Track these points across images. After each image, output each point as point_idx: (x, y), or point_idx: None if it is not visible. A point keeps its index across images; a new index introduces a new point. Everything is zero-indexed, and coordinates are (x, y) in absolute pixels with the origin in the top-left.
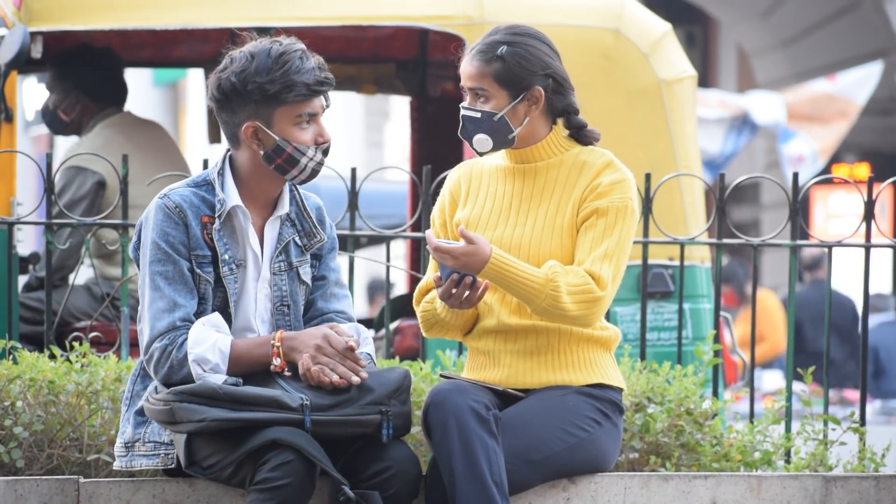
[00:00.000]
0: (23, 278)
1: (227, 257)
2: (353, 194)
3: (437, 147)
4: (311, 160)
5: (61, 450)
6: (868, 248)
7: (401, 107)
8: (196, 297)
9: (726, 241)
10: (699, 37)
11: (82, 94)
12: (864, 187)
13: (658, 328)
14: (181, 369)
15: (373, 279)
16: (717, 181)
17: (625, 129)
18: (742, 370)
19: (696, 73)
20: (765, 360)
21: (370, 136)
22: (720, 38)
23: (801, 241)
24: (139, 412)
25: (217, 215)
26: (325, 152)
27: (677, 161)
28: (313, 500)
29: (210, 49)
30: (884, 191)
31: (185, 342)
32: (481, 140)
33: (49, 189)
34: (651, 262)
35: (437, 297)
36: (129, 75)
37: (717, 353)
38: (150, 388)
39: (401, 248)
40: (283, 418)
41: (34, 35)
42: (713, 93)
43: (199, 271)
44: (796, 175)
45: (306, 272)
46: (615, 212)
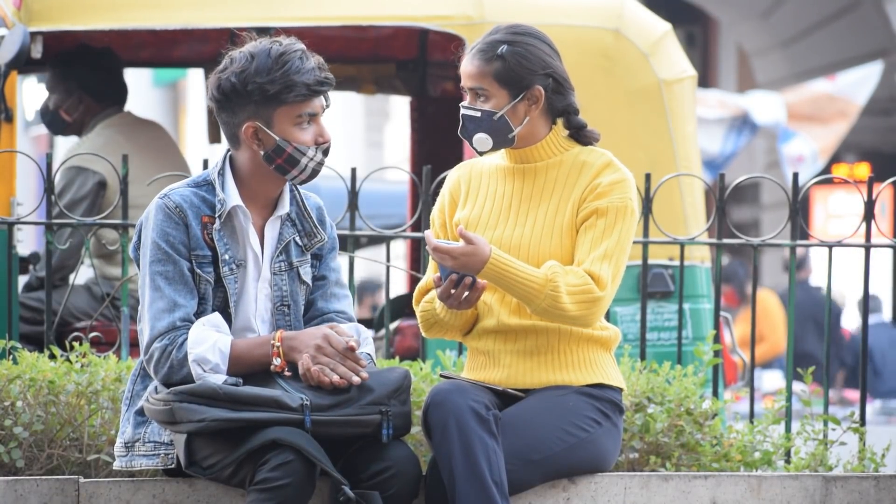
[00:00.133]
0: (23, 278)
1: (227, 257)
2: (353, 194)
3: (437, 147)
4: (312, 160)
5: (61, 450)
6: (868, 248)
7: (401, 107)
8: (196, 297)
9: (726, 241)
10: (699, 37)
11: (85, 94)
12: (864, 187)
13: (658, 328)
14: (181, 369)
15: (361, 281)
16: (717, 181)
17: (625, 129)
18: (742, 370)
19: (696, 73)
20: (765, 360)
21: (370, 136)
22: (720, 38)
23: (801, 241)
24: (139, 412)
25: (217, 215)
26: (326, 152)
27: (677, 161)
28: (313, 500)
29: (210, 49)
30: (884, 191)
31: (185, 342)
32: (481, 139)
33: (49, 189)
34: (651, 262)
35: (436, 298)
36: (129, 75)
37: (717, 353)
38: (150, 388)
39: (401, 248)
40: (283, 418)
41: (34, 35)
42: (713, 93)
43: (199, 271)
44: (796, 175)
45: (307, 272)
46: (615, 212)
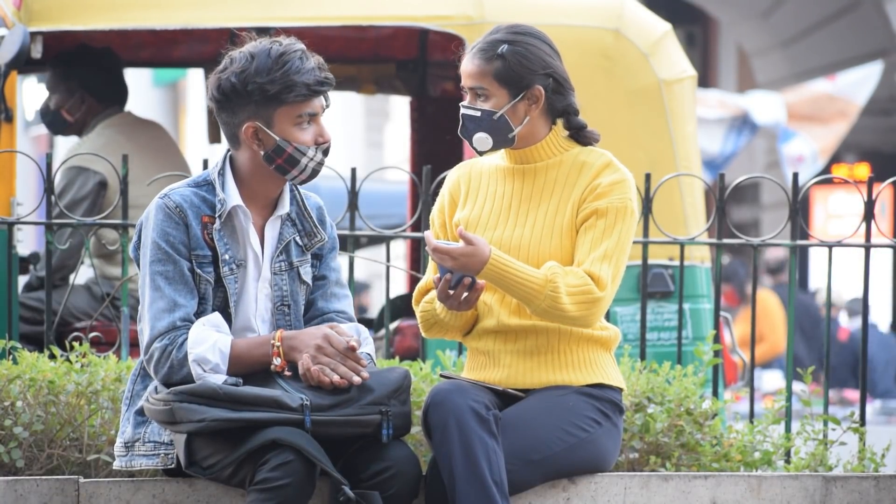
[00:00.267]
0: (23, 278)
1: (227, 257)
2: (353, 194)
3: (437, 147)
4: (312, 160)
5: (61, 450)
6: (868, 248)
7: (401, 107)
8: (196, 297)
9: (726, 241)
10: (699, 37)
11: (87, 94)
12: (864, 187)
13: (658, 328)
14: (181, 369)
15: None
16: (717, 181)
17: (625, 129)
18: (742, 370)
19: (696, 73)
20: (765, 360)
21: (370, 136)
22: (720, 38)
23: (801, 241)
24: (139, 412)
25: (217, 215)
26: (326, 152)
27: (677, 161)
28: (313, 500)
29: (210, 49)
30: (884, 191)
31: (185, 342)
32: (481, 139)
33: (49, 189)
34: (651, 262)
35: (436, 298)
36: (129, 75)
37: (717, 353)
38: (150, 388)
39: (401, 248)
40: (283, 418)
41: (34, 35)
42: (713, 93)
43: (199, 271)
44: (796, 175)
45: (307, 272)
46: (615, 212)
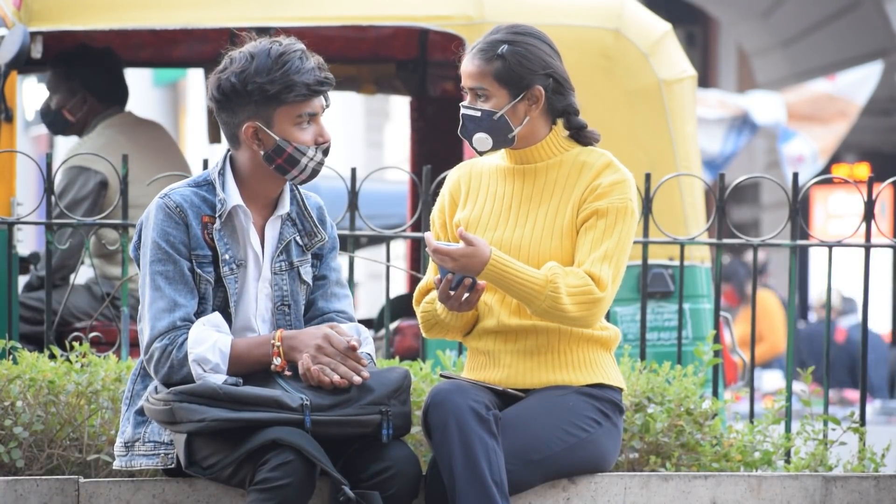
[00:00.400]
0: (23, 278)
1: (227, 257)
2: (353, 194)
3: (437, 147)
4: (312, 160)
5: (61, 450)
6: (868, 248)
7: (401, 107)
8: (196, 296)
9: (726, 241)
10: (699, 37)
11: (88, 93)
12: (864, 187)
13: (658, 328)
14: (181, 369)
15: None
16: (717, 181)
17: (625, 129)
18: (742, 370)
19: (696, 73)
20: (765, 360)
21: (370, 136)
22: (720, 38)
23: (801, 241)
24: (139, 412)
25: (218, 215)
26: (326, 152)
27: (677, 161)
28: (313, 500)
29: (210, 49)
30: (884, 191)
31: (185, 342)
32: (481, 139)
33: (49, 189)
34: (651, 262)
35: (437, 299)
36: (129, 75)
37: (717, 353)
38: (150, 387)
39: (401, 248)
40: (283, 418)
41: (34, 35)
42: (713, 93)
43: (199, 271)
44: (796, 175)
45: (307, 272)
46: (615, 213)
